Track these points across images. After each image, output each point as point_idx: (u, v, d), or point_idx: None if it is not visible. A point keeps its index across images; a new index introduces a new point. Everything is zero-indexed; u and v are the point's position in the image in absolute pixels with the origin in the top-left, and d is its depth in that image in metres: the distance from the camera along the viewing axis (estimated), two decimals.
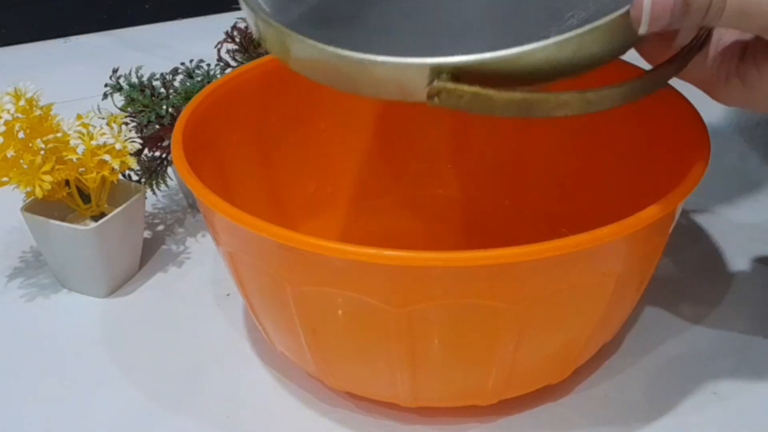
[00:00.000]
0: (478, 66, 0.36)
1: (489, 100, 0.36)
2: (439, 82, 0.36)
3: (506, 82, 0.36)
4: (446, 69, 0.36)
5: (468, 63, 0.36)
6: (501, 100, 0.36)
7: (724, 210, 0.64)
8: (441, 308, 0.40)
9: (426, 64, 0.36)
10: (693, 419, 0.47)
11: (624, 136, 0.52)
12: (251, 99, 0.54)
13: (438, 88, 0.36)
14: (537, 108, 0.37)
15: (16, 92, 0.53)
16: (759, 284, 0.57)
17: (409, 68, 0.37)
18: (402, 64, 0.37)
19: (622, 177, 0.54)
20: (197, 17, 1.04)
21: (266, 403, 0.49)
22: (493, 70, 0.36)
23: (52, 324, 0.56)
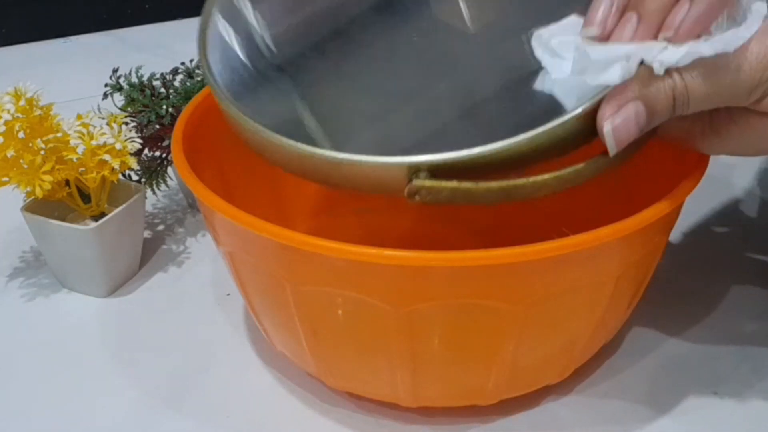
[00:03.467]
0: (454, 163, 0.37)
1: (468, 192, 0.37)
2: (418, 180, 0.37)
3: (483, 174, 0.37)
4: (423, 167, 0.37)
5: (444, 161, 0.37)
6: (480, 191, 0.37)
7: (724, 210, 0.64)
8: (441, 308, 0.40)
9: (403, 163, 0.37)
10: (693, 419, 0.47)
11: None
12: None
13: (417, 186, 0.37)
14: (516, 193, 0.38)
15: (16, 92, 0.53)
16: (759, 284, 0.57)
17: (387, 168, 0.37)
18: (379, 163, 0.37)
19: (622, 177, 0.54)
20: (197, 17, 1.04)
21: (266, 403, 0.49)
22: (468, 165, 0.37)
23: (52, 324, 0.56)
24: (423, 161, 0.37)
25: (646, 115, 0.37)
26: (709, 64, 0.36)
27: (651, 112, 0.37)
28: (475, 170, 0.37)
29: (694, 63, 0.36)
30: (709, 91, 0.37)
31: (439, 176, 0.37)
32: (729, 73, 0.36)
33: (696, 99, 0.37)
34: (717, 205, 0.64)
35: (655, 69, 0.36)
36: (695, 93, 0.37)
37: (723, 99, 0.38)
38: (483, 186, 0.37)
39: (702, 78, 0.37)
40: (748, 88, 0.37)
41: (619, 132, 0.37)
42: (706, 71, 0.36)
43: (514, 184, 0.37)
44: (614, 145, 0.37)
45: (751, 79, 0.37)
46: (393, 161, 0.37)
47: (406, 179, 0.37)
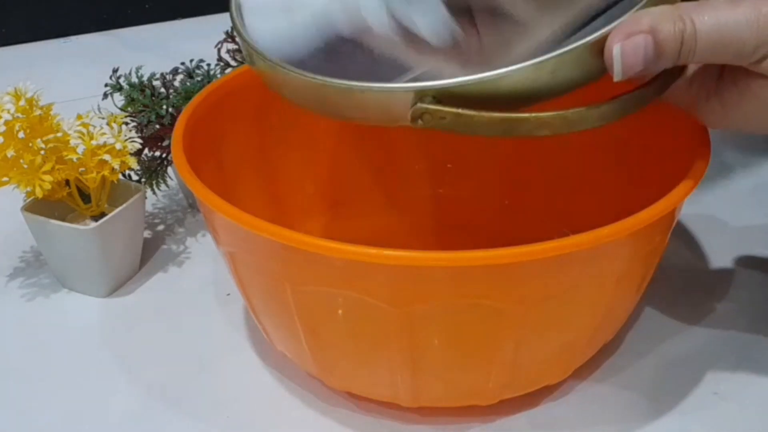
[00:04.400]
0: (459, 88, 0.37)
1: (470, 120, 0.38)
2: (422, 104, 0.37)
3: (487, 104, 0.38)
4: (429, 92, 0.38)
5: (450, 86, 0.37)
6: (482, 120, 0.38)
7: (724, 209, 0.64)
8: (441, 308, 0.40)
9: (410, 89, 0.38)
10: (693, 419, 0.47)
11: (624, 136, 0.52)
12: (251, 99, 0.54)
13: (421, 110, 0.38)
14: (517, 127, 0.38)
15: (16, 92, 0.53)
16: (759, 284, 0.57)
17: (395, 93, 0.38)
18: (387, 89, 0.38)
19: (622, 176, 0.54)
20: (197, 17, 1.04)
21: (266, 403, 0.49)
22: (474, 92, 0.37)
23: (52, 324, 0.56)
24: (429, 86, 0.37)
25: (654, 50, 0.38)
26: (722, 16, 0.38)
27: (659, 49, 0.38)
28: (480, 100, 0.37)
29: (710, 12, 0.37)
30: (716, 42, 0.38)
31: (444, 103, 0.37)
32: (738, 27, 0.38)
33: (702, 48, 0.38)
34: (716, 206, 0.64)
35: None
36: (702, 41, 0.38)
37: (728, 53, 0.38)
38: (485, 115, 0.37)
39: (712, 27, 0.38)
40: (754, 44, 0.38)
41: (627, 56, 0.37)
42: (717, 21, 0.38)
43: (517, 117, 0.38)
44: (620, 70, 0.38)
45: (758, 36, 0.38)
46: (401, 87, 0.38)
47: (412, 104, 0.38)
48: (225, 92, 0.53)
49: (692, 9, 0.38)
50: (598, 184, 0.56)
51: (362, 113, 0.39)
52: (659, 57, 0.38)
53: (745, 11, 0.38)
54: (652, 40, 0.37)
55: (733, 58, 0.39)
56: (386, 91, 0.38)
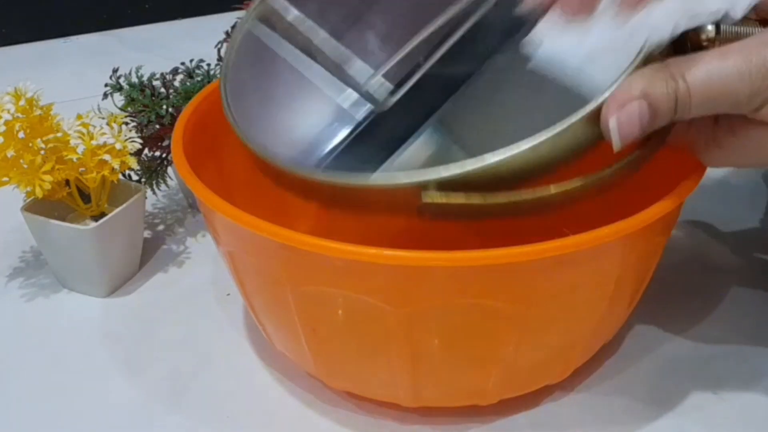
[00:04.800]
0: (462, 177, 0.37)
1: (477, 207, 0.38)
2: (427, 197, 0.38)
3: (490, 185, 0.38)
4: (431, 184, 0.38)
5: (452, 176, 0.37)
6: (488, 206, 0.38)
7: (724, 210, 0.64)
8: (441, 308, 0.40)
9: (413, 183, 0.38)
10: (693, 419, 0.47)
11: None
12: None
13: (427, 203, 0.38)
14: (523, 208, 0.38)
15: (16, 92, 0.53)
16: (759, 284, 0.57)
17: (395, 188, 0.38)
18: (387, 185, 0.38)
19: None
20: (197, 17, 1.04)
21: (266, 403, 0.49)
22: (474, 178, 0.37)
23: (52, 324, 0.56)
24: (431, 177, 0.37)
25: (649, 115, 0.37)
26: (713, 69, 0.37)
27: (654, 112, 0.38)
28: (484, 183, 0.38)
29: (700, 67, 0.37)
30: (710, 96, 0.38)
31: (447, 189, 0.38)
32: (730, 78, 0.37)
33: (697, 103, 0.38)
34: (717, 205, 0.64)
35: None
36: (696, 97, 0.37)
37: (723, 105, 0.38)
38: (491, 201, 0.38)
39: (704, 82, 0.37)
40: (748, 95, 0.37)
41: (623, 127, 0.37)
42: (708, 75, 0.37)
43: (522, 198, 0.38)
44: (619, 141, 0.38)
45: (751, 86, 0.37)
46: (401, 182, 0.38)
47: (416, 196, 0.38)
48: None
49: (682, 64, 0.38)
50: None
51: (363, 206, 0.40)
52: (655, 119, 0.38)
53: (736, 62, 0.37)
54: (646, 105, 0.37)
55: (729, 109, 0.39)
56: (386, 187, 0.38)
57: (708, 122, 0.42)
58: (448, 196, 0.37)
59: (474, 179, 0.37)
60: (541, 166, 0.38)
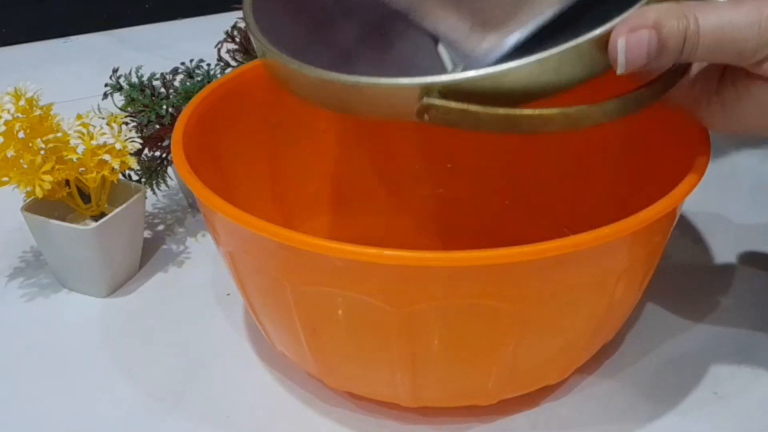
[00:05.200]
0: (465, 84, 0.38)
1: (475, 115, 0.38)
2: (428, 99, 0.38)
3: (492, 99, 0.38)
4: (435, 87, 0.38)
5: (456, 81, 0.38)
6: (486, 115, 0.38)
7: (724, 209, 0.64)
8: (441, 308, 0.40)
9: (416, 84, 0.38)
10: (693, 419, 0.47)
11: (625, 135, 0.52)
12: (251, 99, 0.54)
13: (427, 105, 0.38)
14: (521, 124, 0.38)
15: (16, 92, 0.53)
16: (759, 284, 0.57)
17: (401, 88, 0.38)
18: (394, 84, 0.39)
19: (622, 176, 0.54)
20: (197, 17, 1.04)
21: (266, 403, 0.49)
22: (479, 87, 0.38)
23: (52, 324, 0.56)
24: (436, 81, 0.38)
25: (657, 46, 0.38)
26: (725, 15, 0.38)
27: (662, 44, 0.38)
28: (487, 96, 0.38)
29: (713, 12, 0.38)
30: (718, 41, 0.38)
31: (450, 98, 0.38)
32: (740, 27, 0.38)
33: (704, 46, 0.38)
34: (717, 205, 0.64)
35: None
36: (705, 39, 0.38)
37: (729, 52, 0.39)
38: (490, 111, 0.38)
39: (715, 26, 0.38)
40: (755, 45, 0.38)
41: (631, 49, 0.38)
42: (720, 21, 0.38)
43: (521, 113, 0.38)
44: (624, 63, 0.38)
45: (759, 38, 0.38)
46: (407, 81, 0.38)
47: (419, 99, 0.38)
48: (225, 92, 0.53)
49: (696, 7, 0.38)
50: (598, 184, 0.56)
51: (369, 108, 0.40)
52: (662, 52, 0.38)
53: (748, 12, 0.38)
54: (656, 35, 0.38)
55: (734, 58, 0.39)
56: (393, 87, 0.39)
57: (712, 80, 0.43)
58: (449, 101, 0.38)
59: (477, 88, 0.38)
60: (544, 84, 0.38)
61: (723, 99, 0.43)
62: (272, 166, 0.57)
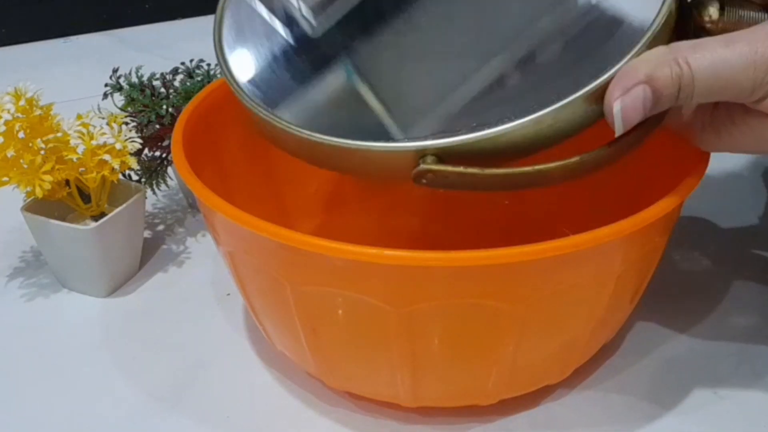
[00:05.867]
0: (460, 146, 0.37)
1: (473, 177, 0.38)
2: (424, 165, 0.37)
3: (489, 159, 0.38)
4: (430, 151, 0.37)
5: (451, 144, 0.37)
6: (485, 176, 0.38)
7: (724, 210, 0.64)
8: (441, 308, 0.40)
9: (411, 148, 0.38)
10: (693, 419, 0.47)
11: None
12: None
13: (424, 170, 0.37)
14: (521, 181, 0.38)
15: (16, 92, 0.53)
16: (759, 284, 0.57)
17: (395, 153, 0.38)
18: (387, 149, 0.38)
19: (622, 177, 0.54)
20: (197, 17, 1.04)
21: (266, 403, 0.49)
22: (475, 149, 0.37)
23: (52, 324, 0.56)
24: (430, 145, 0.37)
25: (653, 99, 0.37)
26: (717, 56, 0.37)
27: (657, 97, 0.37)
28: (483, 156, 0.37)
29: (705, 54, 0.37)
30: (714, 84, 0.37)
31: (446, 161, 0.37)
32: (735, 68, 0.37)
33: (700, 90, 0.38)
34: (717, 205, 0.64)
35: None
36: (700, 84, 0.37)
37: (726, 93, 0.38)
38: (489, 172, 0.37)
39: (708, 69, 0.37)
40: (752, 85, 0.37)
41: (627, 112, 0.37)
42: (713, 63, 0.37)
43: (519, 171, 0.38)
44: (621, 126, 0.38)
45: (755, 78, 0.37)
46: (401, 146, 0.38)
47: (414, 164, 0.37)
48: (225, 92, 0.52)
49: (687, 50, 0.37)
50: (598, 184, 0.56)
51: (363, 171, 0.39)
52: (657, 103, 0.38)
53: (742, 51, 0.37)
54: (650, 90, 0.37)
55: (732, 97, 0.38)
56: (386, 152, 0.38)
57: (707, 106, 0.42)
58: (446, 165, 0.37)
59: (473, 150, 0.37)
60: (541, 140, 0.38)
61: (717, 128, 0.42)
62: (272, 166, 0.57)
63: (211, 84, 0.53)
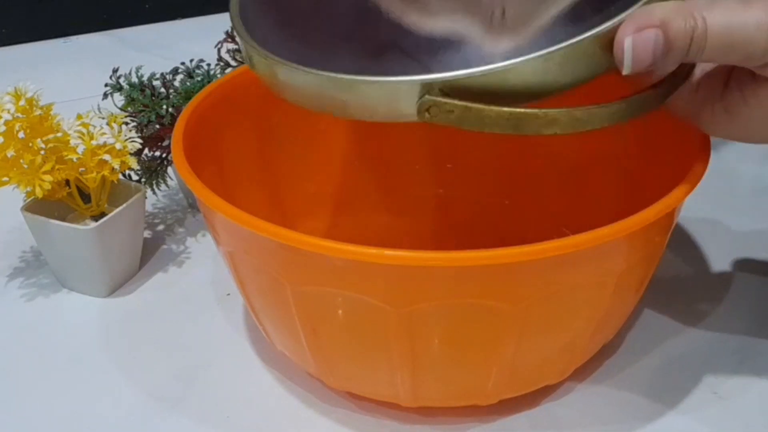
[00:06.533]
0: (467, 81, 0.37)
1: (479, 114, 0.37)
2: (430, 97, 0.37)
3: (495, 97, 0.37)
4: (437, 85, 0.37)
5: (458, 78, 0.37)
6: (490, 114, 0.37)
7: (724, 210, 0.64)
8: (441, 308, 0.40)
9: (417, 81, 0.37)
10: (693, 419, 0.47)
11: (625, 136, 0.52)
12: (251, 99, 0.54)
13: (429, 102, 0.37)
14: (526, 123, 0.37)
15: (16, 92, 0.53)
16: (759, 284, 0.57)
17: (401, 85, 0.38)
18: (393, 82, 0.38)
19: (622, 176, 0.54)
20: (197, 17, 1.04)
21: (266, 403, 0.49)
22: (482, 84, 0.37)
23: (52, 324, 0.56)
24: (436, 78, 0.37)
25: (664, 46, 0.37)
26: (734, 16, 0.37)
27: (669, 44, 0.37)
28: (489, 94, 0.37)
29: (721, 11, 0.37)
30: (726, 42, 0.37)
31: (452, 96, 0.37)
32: (750, 28, 0.37)
33: (711, 47, 0.37)
34: (717, 205, 0.64)
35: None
36: (713, 40, 0.37)
37: (737, 54, 0.38)
38: (494, 110, 0.37)
39: (723, 27, 0.37)
40: (765, 47, 0.37)
41: (638, 50, 0.37)
42: (728, 21, 0.37)
43: (526, 113, 0.37)
44: (630, 64, 0.37)
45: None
46: (407, 79, 0.37)
47: (419, 96, 0.37)
48: (225, 92, 0.53)
49: (704, 6, 0.37)
50: (598, 184, 0.56)
51: (368, 108, 0.39)
52: (668, 52, 0.37)
53: (758, 13, 0.37)
54: (662, 35, 0.37)
55: (741, 60, 0.38)
56: (392, 84, 0.38)
57: (716, 85, 0.42)
58: (452, 99, 0.37)
59: (480, 85, 0.37)
60: (549, 82, 0.37)
61: (728, 105, 0.42)
62: (272, 166, 0.57)
63: (211, 84, 0.53)
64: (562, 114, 0.37)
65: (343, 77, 0.38)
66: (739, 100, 0.41)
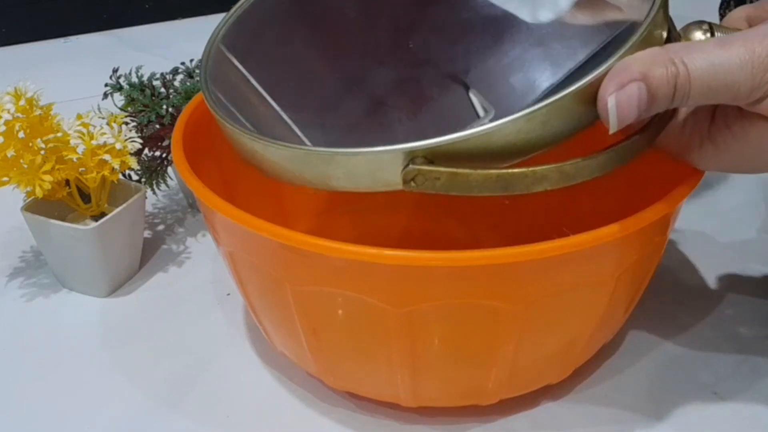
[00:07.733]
0: (451, 146, 0.36)
1: (466, 178, 0.36)
2: (414, 166, 0.36)
3: (481, 160, 0.37)
4: (420, 152, 0.36)
5: (441, 144, 0.36)
6: (478, 178, 0.37)
7: (724, 210, 0.64)
8: (441, 308, 0.40)
9: (399, 150, 0.36)
10: (693, 419, 0.47)
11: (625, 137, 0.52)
12: None
13: (414, 171, 0.36)
14: (515, 183, 0.37)
15: (16, 92, 0.53)
16: (759, 285, 0.57)
17: (383, 155, 0.37)
18: (375, 152, 0.37)
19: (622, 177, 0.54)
20: (197, 17, 1.04)
21: (266, 403, 0.49)
22: (466, 148, 0.36)
23: (52, 324, 0.56)
24: (419, 146, 0.36)
25: (648, 99, 0.36)
26: (714, 57, 0.36)
27: (652, 96, 0.36)
28: (474, 157, 0.36)
29: (701, 54, 0.36)
30: (710, 85, 0.37)
31: (436, 163, 0.36)
32: (732, 69, 0.36)
33: (696, 91, 0.37)
34: (717, 206, 0.64)
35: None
36: (696, 84, 0.36)
37: (724, 95, 0.37)
38: (481, 173, 0.36)
39: (705, 70, 0.36)
40: (750, 87, 0.37)
41: (622, 107, 0.36)
42: (710, 64, 0.36)
43: (513, 173, 0.37)
44: (615, 122, 0.36)
45: (753, 78, 0.36)
46: (389, 149, 0.37)
47: (402, 166, 0.36)
48: None
49: (682, 50, 0.37)
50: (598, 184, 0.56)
51: (351, 180, 0.38)
52: (653, 103, 0.37)
53: (739, 52, 0.36)
54: (645, 87, 0.36)
55: (728, 100, 0.38)
56: (374, 154, 0.37)
57: (704, 121, 0.42)
58: (437, 166, 0.36)
59: (465, 150, 0.36)
60: (534, 140, 0.37)
61: (715, 140, 0.41)
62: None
63: None
64: (551, 171, 0.37)
65: (322, 150, 0.38)
66: (726, 135, 0.40)
